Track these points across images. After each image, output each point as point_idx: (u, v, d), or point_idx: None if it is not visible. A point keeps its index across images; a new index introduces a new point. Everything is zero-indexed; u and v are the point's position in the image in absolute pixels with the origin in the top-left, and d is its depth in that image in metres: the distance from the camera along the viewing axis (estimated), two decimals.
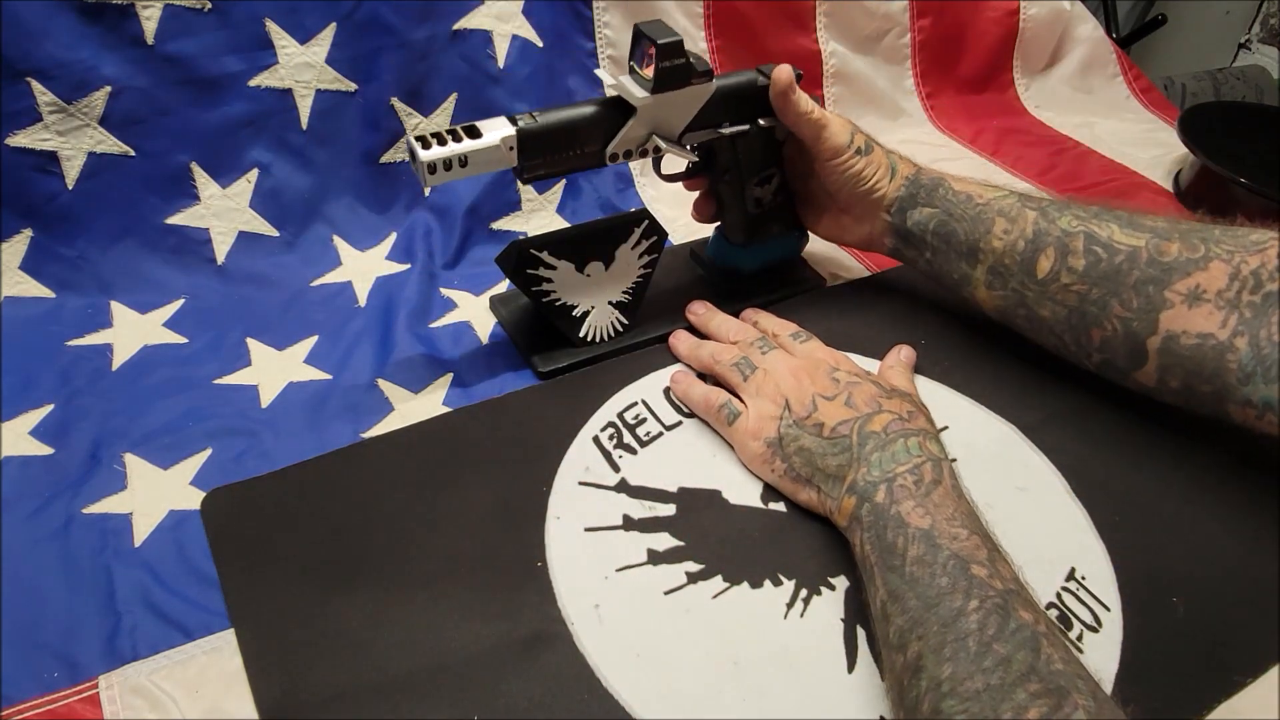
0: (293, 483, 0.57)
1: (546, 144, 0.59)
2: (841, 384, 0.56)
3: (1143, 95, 1.09)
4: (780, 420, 0.56)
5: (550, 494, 0.56)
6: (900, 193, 0.65)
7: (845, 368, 0.58)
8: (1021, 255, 0.60)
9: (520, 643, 0.48)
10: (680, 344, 0.66)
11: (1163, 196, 0.90)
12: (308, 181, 0.77)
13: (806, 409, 0.55)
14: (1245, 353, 0.51)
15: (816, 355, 0.60)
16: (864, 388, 0.56)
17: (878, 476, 0.50)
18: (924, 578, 0.44)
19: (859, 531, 0.49)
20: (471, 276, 0.76)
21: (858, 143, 0.65)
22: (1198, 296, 0.53)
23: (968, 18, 1.03)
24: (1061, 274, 0.58)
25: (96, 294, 0.71)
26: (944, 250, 0.64)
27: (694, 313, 0.68)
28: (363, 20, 0.76)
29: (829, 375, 0.57)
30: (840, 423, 0.54)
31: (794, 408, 0.56)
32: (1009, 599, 0.42)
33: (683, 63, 0.60)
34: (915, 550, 0.45)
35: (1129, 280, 0.55)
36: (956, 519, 0.47)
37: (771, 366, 0.59)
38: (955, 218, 0.63)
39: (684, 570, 0.52)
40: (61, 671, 0.47)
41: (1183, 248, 0.54)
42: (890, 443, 0.51)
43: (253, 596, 0.50)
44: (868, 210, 0.67)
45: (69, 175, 0.70)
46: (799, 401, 0.56)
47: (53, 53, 0.67)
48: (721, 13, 0.91)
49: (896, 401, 0.55)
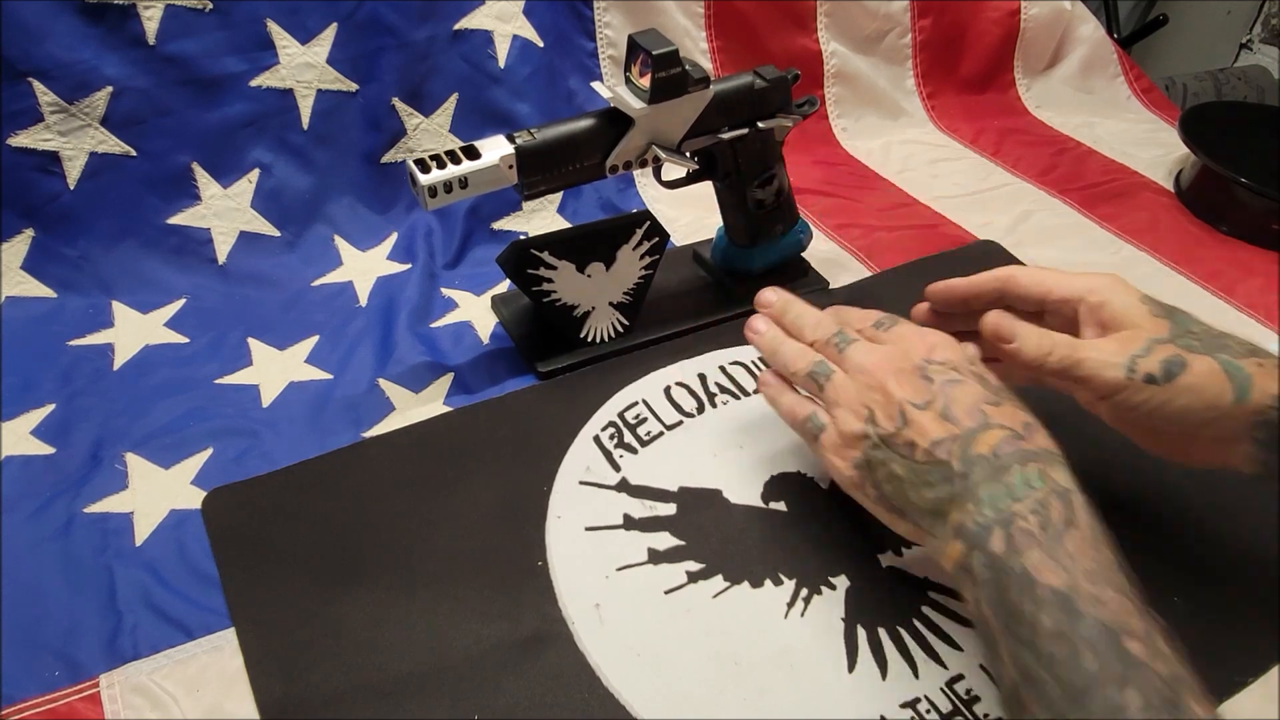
0: (293, 482, 0.57)
1: (546, 160, 0.59)
2: (936, 385, 0.44)
3: (1144, 95, 1.09)
4: (866, 439, 0.45)
5: (551, 493, 0.56)
6: (1268, 415, 0.44)
7: (941, 356, 0.45)
8: None
9: (521, 642, 0.48)
10: (760, 338, 0.53)
11: (1164, 197, 0.90)
12: (309, 181, 0.77)
13: (894, 422, 0.44)
14: None
15: (906, 342, 0.47)
16: (965, 389, 0.44)
17: (991, 517, 0.39)
18: (1065, 657, 0.35)
19: (971, 586, 0.40)
20: (472, 276, 0.76)
21: (1147, 368, 0.45)
22: None
23: (968, 18, 1.03)
24: None
25: (98, 294, 0.71)
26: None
27: (765, 304, 0.54)
28: (364, 20, 0.76)
29: (919, 373, 0.45)
30: (936, 442, 0.42)
31: (880, 420, 0.44)
32: (1178, 688, 0.34)
33: (679, 71, 0.59)
34: (1050, 619, 0.36)
35: None
36: (1099, 574, 0.37)
37: (852, 364, 0.47)
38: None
39: (684, 570, 0.52)
40: (62, 670, 0.47)
41: None
42: (1003, 470, 0.40)
43: (253, 596, 0.50)
44: (1202, 440, 0.47)
45: (70, 175, 0.70)
46: (885, 413, 0.44)
47: (54, 53, 0.67)
48: (722, 13, 0.91)
49: (1008, 410, 0.43)
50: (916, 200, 0.88)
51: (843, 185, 0.90)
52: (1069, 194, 0.90)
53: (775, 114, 0.66)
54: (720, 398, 0.63)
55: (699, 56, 0.91)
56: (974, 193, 0.90)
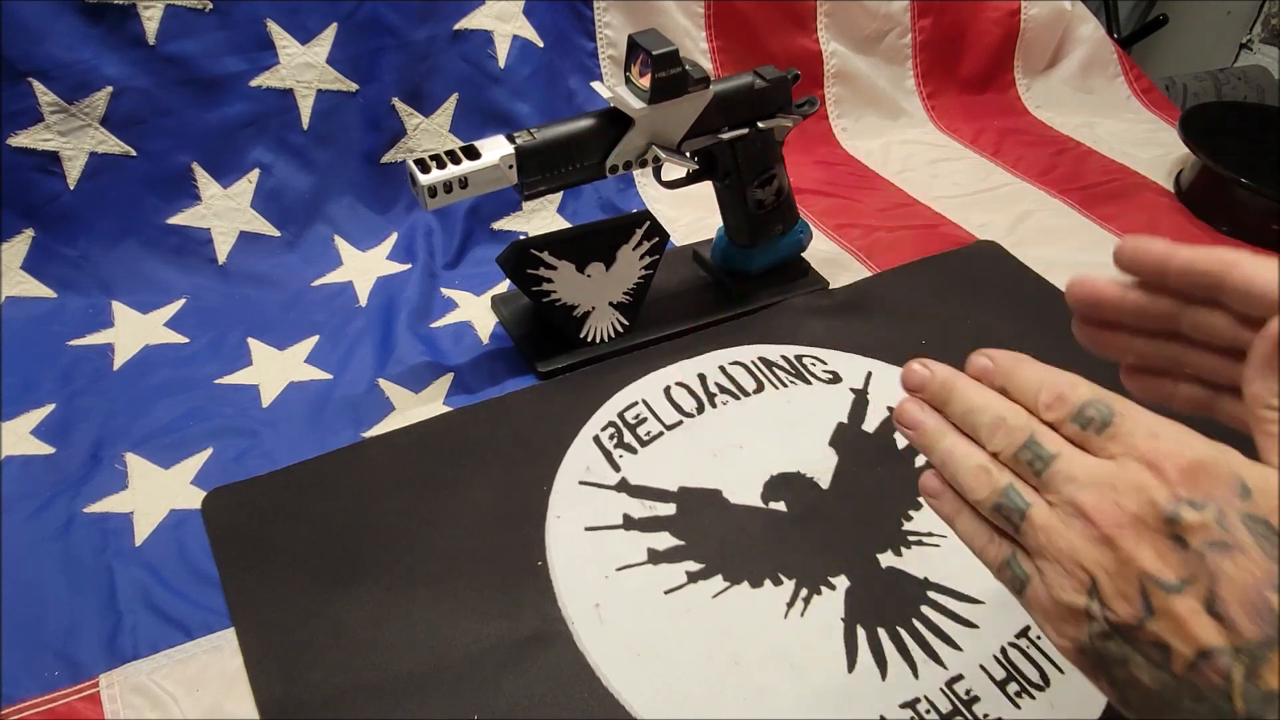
0: (293, 482, 0.57)
1: (545, 160, 0.59)
2: (1193, 553, 0.29)
3: (1144, 95, 1.09)
4: (1088, 619, 0.31)
5: (551, 493, 0.56)
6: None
7: (1200, 490, 0.29)
8: None
9: (521, 642, 0.48)
10: (919, 436, 0.37)
11: (1164, 197, 0.90)
12: (309, 181, 0.77)
13: (1134, 607, 0.30)
14: None
15: (1140, 454, 0.31)
16: (1241, 564, 0.28)
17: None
18: None
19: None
20: (472, 276, 0.76)
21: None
22: None
23: (968, 18, 1.03)
24: None
25: (98, 294, 0.71)
26: None
27: (916, 385, 0.38)
28: (364, 20, 0.76)
29: (1169, 525, 0.29)
30: (1200, 657, 0.28)
31: (1108, 598, 0.30)
32: None
33: (679, 72, 0.59)
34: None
35: None
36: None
37: (1062, 495, 0.32)
38: None
39: (684, 569, 0.52)
40: (62, 670, 0.47)
41: None
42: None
43: (253, 596, 0.50)
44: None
45: (70, 175, 0.70)
46: (1117, 589, 0.30)
47: (54, 53, 0.67)
48: (722, 13, 0.91)
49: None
50: (916, 200, 0.88)
51: (843, 185, 0.90)
52: (1069, 194, 0.90)
53: (775, 114, 0.66)
54: (720, 398, 0.63)
55: (699, 56, 0.92)
56: (974, 193, 0.90)
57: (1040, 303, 0.74)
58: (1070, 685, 0.47)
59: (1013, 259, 0.79)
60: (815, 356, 0.67)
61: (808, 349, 0.68)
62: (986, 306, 0.73)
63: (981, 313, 0.72)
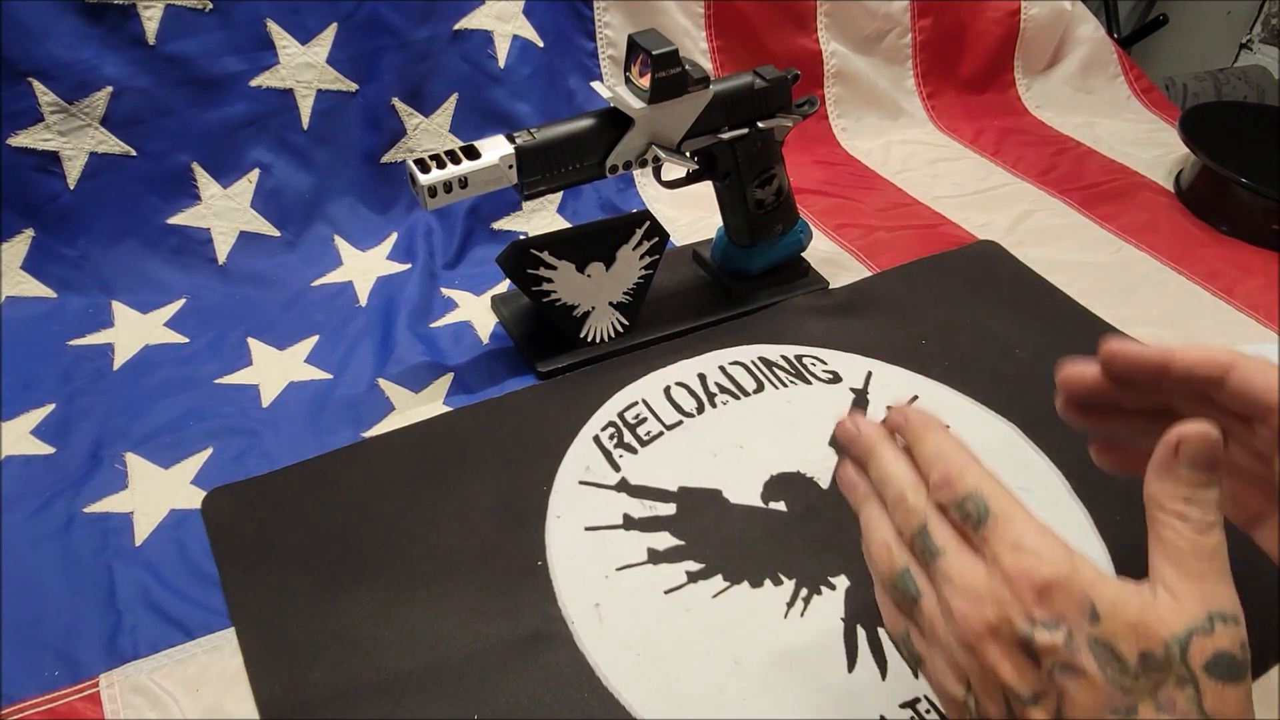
0: (293, 482, 0.57)
1: (545, 160, 0.59)
2: (1044, 672, 0.31)
3: (1144, 95, 1.09)
4: (968, 711, 0.34)
5: (551, 493, 0.56)
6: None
7: (1052, 608, 0.31)
8: None
9: (520, 642, 0.48)
10: (853, 494, 0.39)
11: (1164, 197, 0.90)
12: (309, 181, 0.77)
13: (1000, 711, 0.33)
14: None
15: (1005, 568, 0.32)
16: (1083, 688, 0.31)
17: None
18: None
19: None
20: (472, 276, 0.76)
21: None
22: None
23: (968, 18, 1.03)
24: None
25: (98, 294, 0.71)
26: None
27: (846, 441, 0.39)
28: (364, 20, 0.76)
29: (1023, 644, 0.31)
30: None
31: (981, 701, 0.33)
32: None
33: (679, 71, 0.59)
34: None
35: None
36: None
37: (943, 594, 0.34)
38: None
39: (684, 569, 0.52)
40: (62, 670, 0.47)
41: None
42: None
43: (253, 595, 0.50)
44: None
45: (70, 175, 0.70)
46: (986, 693, 0.33)
47: (54, 53, 0.67)
48: (722, 13, 0.91)
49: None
50: (916, 200, 0.88)
51: (843, 185, 0.90)
52: (1069, 194, 0.90)
53: (775, 114, 0.66)
54: (720, 398, 0.63)
55: (699, 56, 0.92)
56: (974, 193, 0.90)
57: (1040, 303, 0.74)
58: None
59: (1013, 259, 0.79)
60: (815, 356, 0.67)
61: (808, 349, 0.68)
62: (986, 306, 0.73)
63: (981, 313, 0.72)
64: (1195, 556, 0.32)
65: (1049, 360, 0.67)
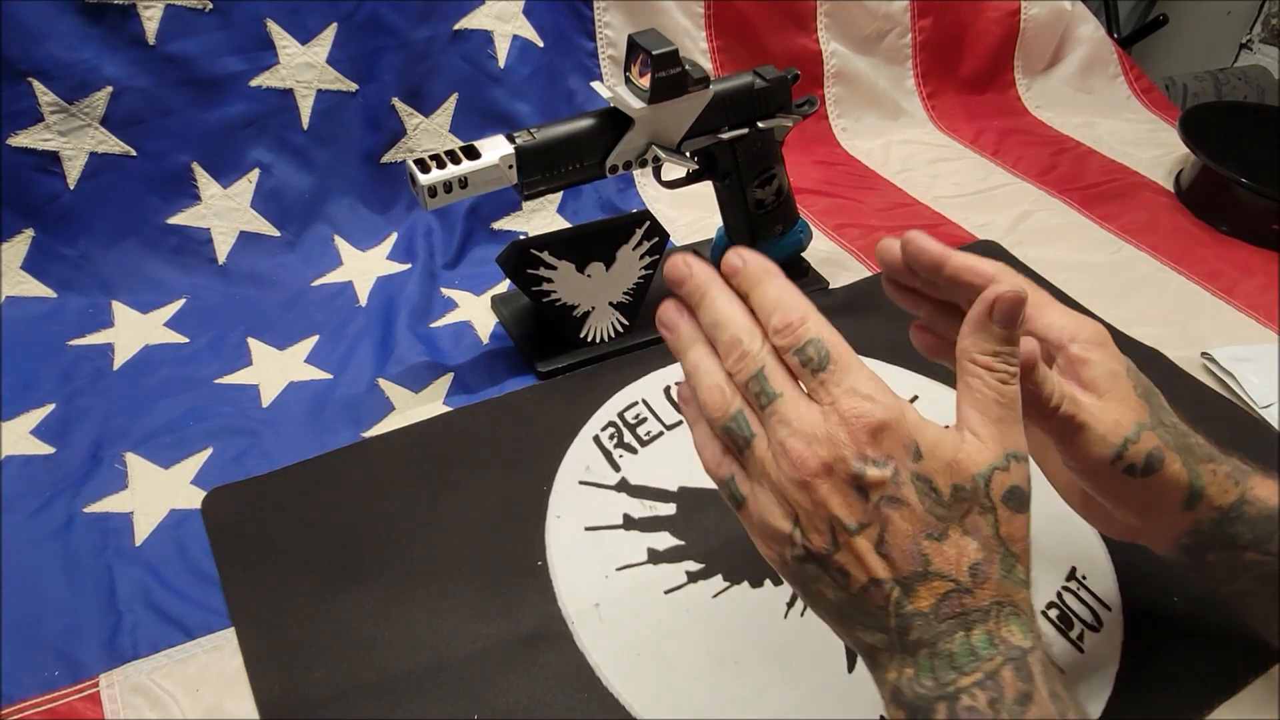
0: (293, 482, 0.57)
1: (545, 160, 0.59)
2: (871, 504, 0.34)
3: (1144, 95, 1.09)
4: (791, 544, 0.36)
5: (551, 493, 0.56)
6: (1204, 528, 0.42)
7: (882, 448, 0.34)
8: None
9: (521, 642, 0.48)
10: (673, 338, 0.39)
11: (1164, 197, 0.90)
12: (309, 181, 0.77)
13: (825, 540, 0.35)
14: None
15: (842, 411, 0.34)
16: (904, 516, 0.34)
17: (931, 689, 0.34)
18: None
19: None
20: (472, 276, 0.76)
21: (1133, 457, 0.40)
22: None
23: (968, 18, 1.03)
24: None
25: (98, 294, 0.71)
26: (1266, 601, 0.43)
27: (677, 280, 0.38)
28: (364, 20, 0.76)
29: (854, 479, 0.34)
30: (871, 583, 0.34)
31: (806, 530, 0.35)
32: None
33: (679, 72, 0.59)
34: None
35: None
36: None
37: (776, 436, 0.35)
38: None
39: (684, 569, 0.52)
40: (62, 670, 0.47)
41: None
42: (946, 635, 0.34)
43: (253, 595, 0.50)
44: (1130, 526, 0.45)
45: (70, 175, 0.70)
46: (814, 525, 0.35)
47: (54, 53, 0.67)
48: (722, 13, 0.91)
49: (953, 545, 0.34)
50: (916, 200, 0.88)
51: (843, 185, 0.90)
52: (1069, 194, 0.90)
53: (775, 114, 0.66)
54: None
55: (699, 56, 0.92)
56: (974, 193, 0.90)
57: None
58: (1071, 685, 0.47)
59: (1013, 259, 0.79)
60: None
61: None
62: None
63: None
64: (998, 405, 0.36)
65: None
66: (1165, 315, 0.73)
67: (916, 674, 0.34)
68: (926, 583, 0.34)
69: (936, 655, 0.34)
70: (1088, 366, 0.41)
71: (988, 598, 0.34)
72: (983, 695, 0.33)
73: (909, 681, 0.35)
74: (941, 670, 0.34)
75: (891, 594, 0.34)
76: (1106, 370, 0.41)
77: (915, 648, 0.34)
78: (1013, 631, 0.34)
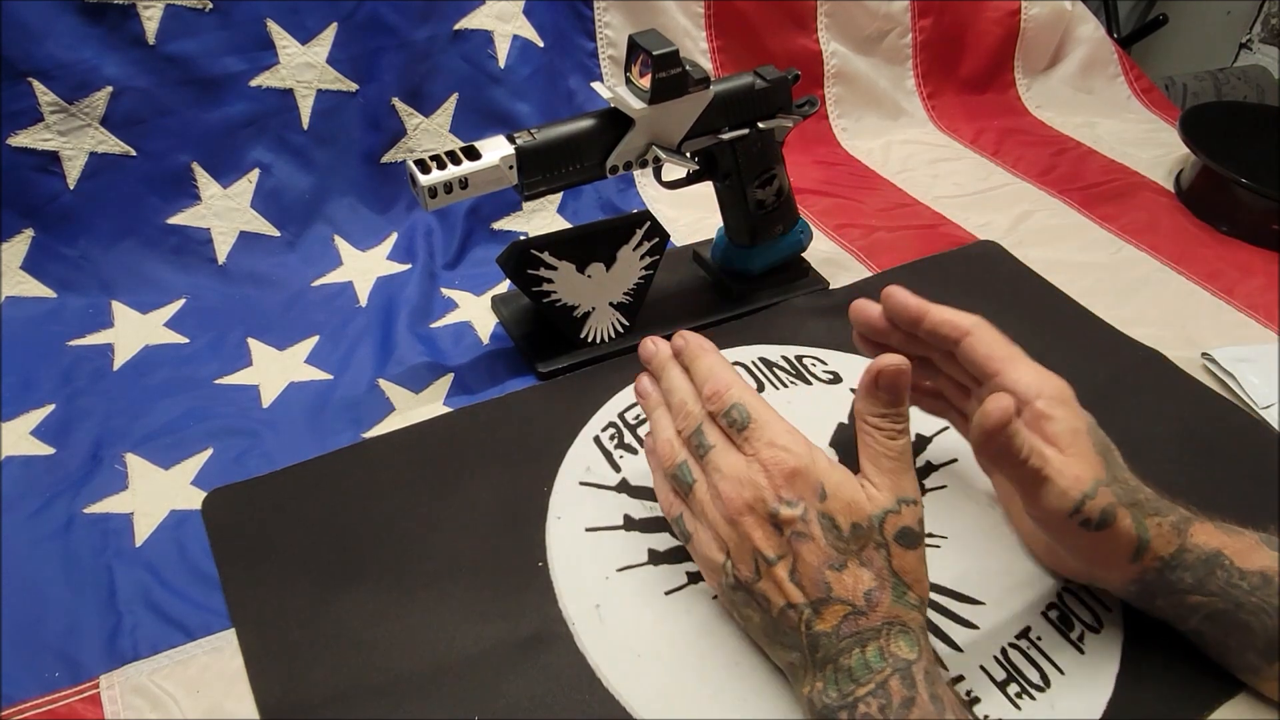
0: (293, 483, 0.57)
1: (546, 161, 0.59)
2: (784, 538, 0.42)
3: (1144, 95, 1.09)
4: (724, 573, 0.44)
5: (551, 494, 0.56)
6: (1149, 577, 0.45)
7: (792, 492, 0.41)
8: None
9: (521, 643, 0.48)
10: (643, 403, 0.50)
11: (1164, 197, 0.90)
12: (309, 181, 0.77)
13: (750, 570, 0.43)
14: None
15: (761, 460, 0.42)
16: (810, 549, 0.41)
17: (835, 700, 0.40)
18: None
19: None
20: (472, 277, 0.76)
21: (1090, 512, 0.43)
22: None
23: (969, 18, 1.03)
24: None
25: (98, 294, 0.71)
26: (1220, 639, 0.45)
27: (645, 358, 0.50)
28: (364, 20, 0.76)
29: (771, 517, 0.42)
30: (787, 607, 0.41)
31: (735, 561, 0.43)
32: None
33: (679, 72, 0.59)
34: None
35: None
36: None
37: (712, 480, 0.44)
38: (1248, 609, 0.43)
39: (685, 570, 0.52)
40: (62, 671, 0.47)
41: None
42: (845, 652, 0.40)
43: (253, 596, 0.50)
44: (1082, 573, 0.49)
45: (70, 175, 0.70)
46: (740, 557, 0.43)
47: (54, 53, 0.67)
48: (722, 13, 0.91)
49: (851, 575, 0.41)
50: (917, 200, 0.88)
51: (843, 185, 0.90)
52: (1069, 194, 0.90)
53: (775, 114, 0.66)
54: None
55: (699, 56, 0.92)
56: (974, 193, 0.90)
57: (1040, 303, 0.74)
58: (1071, 687, 0.47)
59: (1013, 259, 0.79)
60: (816, 357, 0.67)
61: (808, 349, 0.68)
62: (986, 306, 0.72)
63: (981, 313, 0.71)
64: (888, 458, 0.42)
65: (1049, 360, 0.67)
66: (1165, 315, 0.73)
67: (824, 687, 0.40)
68: (829, 606, 0.40)
69: (839, 669, 0.40)
70: (1051, 422, 0.45)
71: (879, 619, 0.40)
72: (875, 702, 0.39)
73: (819, 694, 0.40)
74: (843, 682, 0.40)
75: (803, 615, 0.41)
76: (1068, 427, 0.44)
77: (823, 663, 0.41)
78: (900, 646, 0.40)
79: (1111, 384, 0.65)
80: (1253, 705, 0.46)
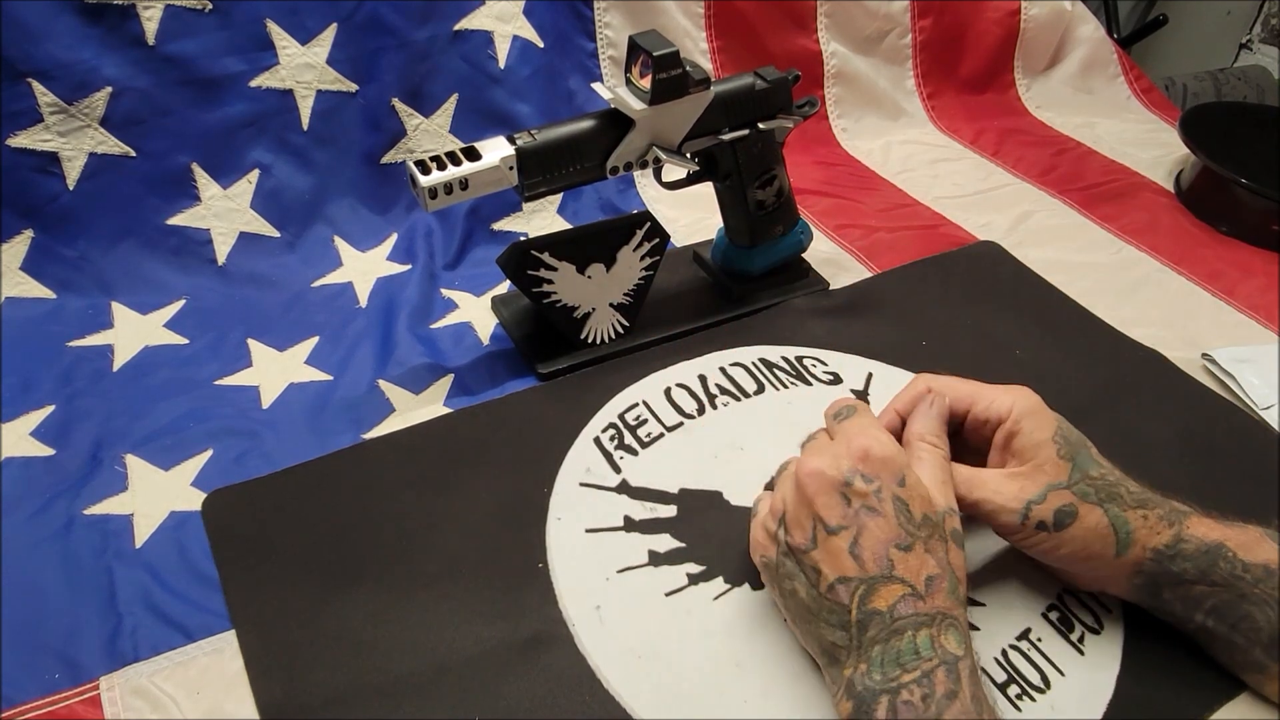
0: (293, 484, 0.57)
1: (546, 161, 0.59)
2: (852, 510, 0.42)
3: (1144, 95, 1.09)
4: (777, 543, 0.45)
5: (551, 495, 0.56)
6: (1148, 568, 0.46)
7: (871, 468, 0.43)
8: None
9: (521, 644, 0.48)
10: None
11: (1164, 197, 0.90)
12: (309, 182, 0.77)
13: (805, 538, 0.43)
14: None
15: (846, 441, 0.44)
16: (878, 524, 0.42)
17: (878, 683, 0.39)
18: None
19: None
20: (472, 277, 0.76)
21: (1040, 515, 0.45)
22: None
23: (969, 18, 1.03)
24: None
25: (97, 295, 0.71)
26: (1226, 634, 0.45)
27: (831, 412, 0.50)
28: (364, 21, 0.76)
29: (842, 488, 0.42)
30: (840, 580, 0.41)
31: (791, 529, 0.44)
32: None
33: (679, 73, 0.59)
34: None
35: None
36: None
37: (799, 459, 0.45)
38: (1252, 600, 0.44)
39: (685, 571, 0.52)
40: (63, 673, 0.47)
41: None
42: (897, 634, 0.40)
43: (253, 597, 0.50)
44: (1084, 577, 0.49)
45: (70, 176, 0.70)
46: (798, 523, 0.43)
47: (54, 53, 0.67)
48: (722, 13, 0.91)
49: (917, 558, 0.41)
50: (917, 201, 0.88)
51: (843, 185, 0.90)
52: (1069, 194, 0.90)
53: (776, 115, 0.66)
54: (720, 399, 0.63)
55: (699, 57, 0.91)
56: (974, 193, 0.90)
57: (1040, 303, 0.74)
58: (1071, 687, 0.47)
59: (1013, 259, 0.79)
60: (816, 357, 0.67)
61: (808, 350, 0.68)
62: (987, 307, 0.73)
63: (982, 313, 0.72)
64: (941, 470, 0.45)
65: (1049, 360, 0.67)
66: (1165, 316, 0.73)
67: (868, 669, 0.40)
68: (888, 584, 0.41)
69: (887, 651, 0.40)
70: (1018, 437, 0.47)
71: (934, 607, 0.41)
72: (918, 690, 0.39)
73: (861, 676, 0.40)
74: (889, 666, 0.40)
75: (857, 591, 0.41)
76: (1031, 441, 0.46)
77: (871, 643, 0.40)
78: (950, 640, 0.40)
79: (1111, 384, 0.65)
80: (1253, 706, 0.46)
